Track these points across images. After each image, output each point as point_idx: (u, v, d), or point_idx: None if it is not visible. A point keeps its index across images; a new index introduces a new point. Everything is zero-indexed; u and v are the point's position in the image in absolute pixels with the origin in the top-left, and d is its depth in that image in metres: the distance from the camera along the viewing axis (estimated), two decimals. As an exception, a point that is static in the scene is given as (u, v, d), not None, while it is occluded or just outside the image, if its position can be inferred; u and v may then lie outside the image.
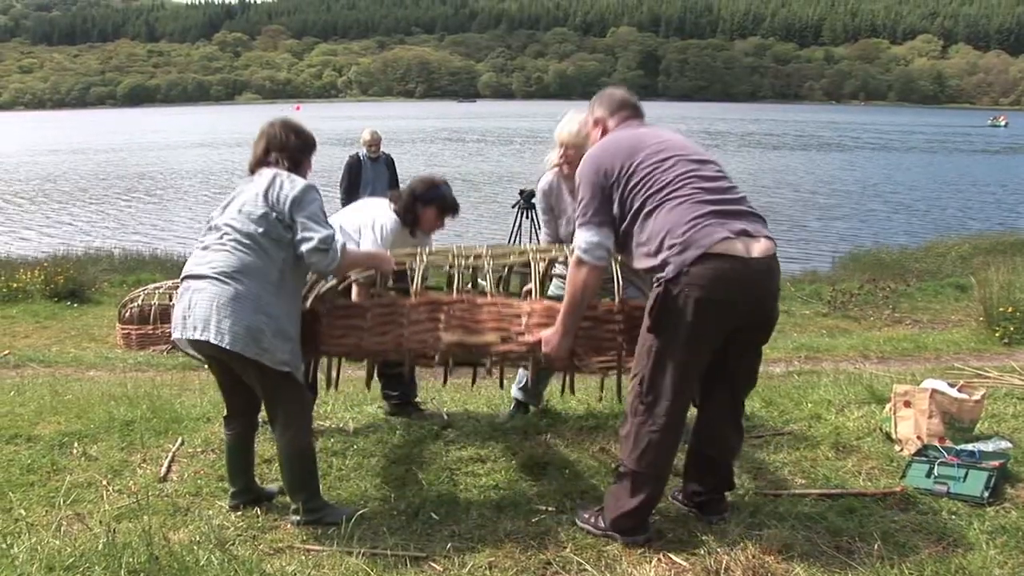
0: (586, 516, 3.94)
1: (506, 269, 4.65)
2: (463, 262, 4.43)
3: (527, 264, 4.53)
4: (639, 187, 3.65)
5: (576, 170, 4.85)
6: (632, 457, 3.71)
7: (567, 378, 4.93)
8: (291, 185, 3.89)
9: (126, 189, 33.75)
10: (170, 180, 36.62)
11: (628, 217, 3.70)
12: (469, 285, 4.51)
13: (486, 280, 4.31)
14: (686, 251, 3.48)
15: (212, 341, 3.77)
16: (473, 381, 5.23)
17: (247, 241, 3.82)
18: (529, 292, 4.69)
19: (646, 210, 3.63)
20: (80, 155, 50.41)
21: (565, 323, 3.88)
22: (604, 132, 4.00)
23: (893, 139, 62.51)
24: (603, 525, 3.83)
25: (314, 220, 3.86)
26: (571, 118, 4.98)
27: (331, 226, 3.97)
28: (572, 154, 4.92)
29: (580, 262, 3.75)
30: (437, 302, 4.20)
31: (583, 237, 3.73)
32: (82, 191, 33.12)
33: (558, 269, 5.08)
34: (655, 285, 3.60)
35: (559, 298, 4.80)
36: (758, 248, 3.55)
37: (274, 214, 3.84)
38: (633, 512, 3.73)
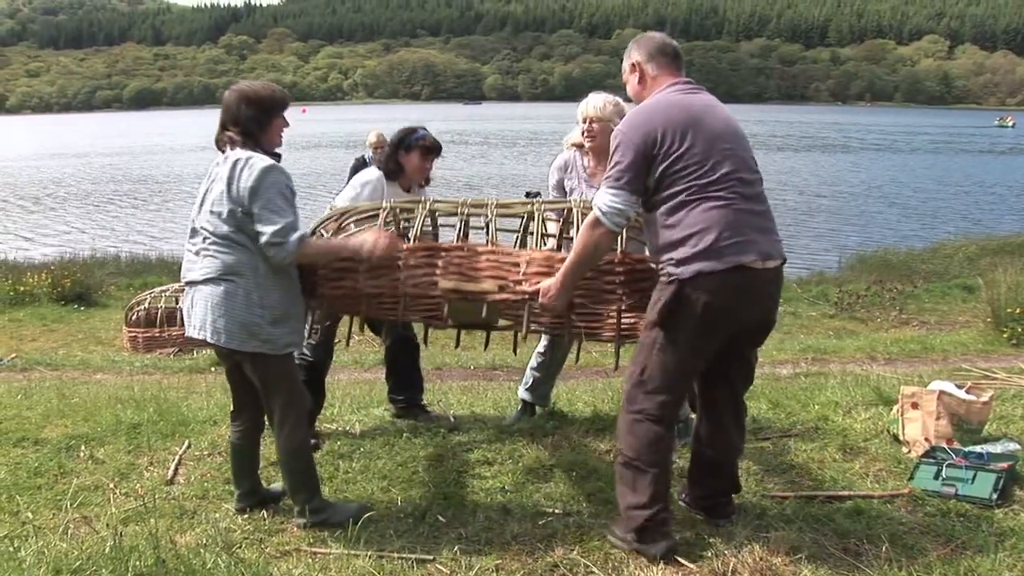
0: (616, 530, 3.83)
1: (522, 229, 4.52)
2: (466, 211, 4.30)
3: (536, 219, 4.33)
4: (684, 173, 3.51)
5: (598, 143, 4.87)
6: (627, 445, 3.72)
7: (578, 347, 4.95)
8: (248, 174, 3.72)
9: (132, 192, 33.85)
10: (176, 183, 36.70)
11: (664, 196, 3.57)
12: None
13: (490, 229, 4.21)
14: (711, 260, 3.45)
15: (209, 340, 3.84)
16: (456, 343, 5.22)
17: (224, 242, 3.80)
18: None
19: (683, 199, 3.52)
20: (86, 159, 50.56)
21: (566, 278, 3.79)
22: (642, 77, 3.80)
23: (899, 140, 62.42)
24: (620, 534, 3.76)
25: (269, 210, 3.71)
26: (594, 95, 4.96)
27: (290, 212, 3.77)
28: (597, 128, 4.84)
29: (597, 222, 3.62)
30: (435, 248, 4.13)
31: (608, 199, 3.58)
32: (88, 195, 33.23)
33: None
34: (666, 278, 3.58)
35: None
36: (771, 261, 3.57)
37: (239, 210, 3.75)
38: (642, 506, 3.66)
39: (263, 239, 3.71)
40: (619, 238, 3.90)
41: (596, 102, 4.88)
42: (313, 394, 5.22)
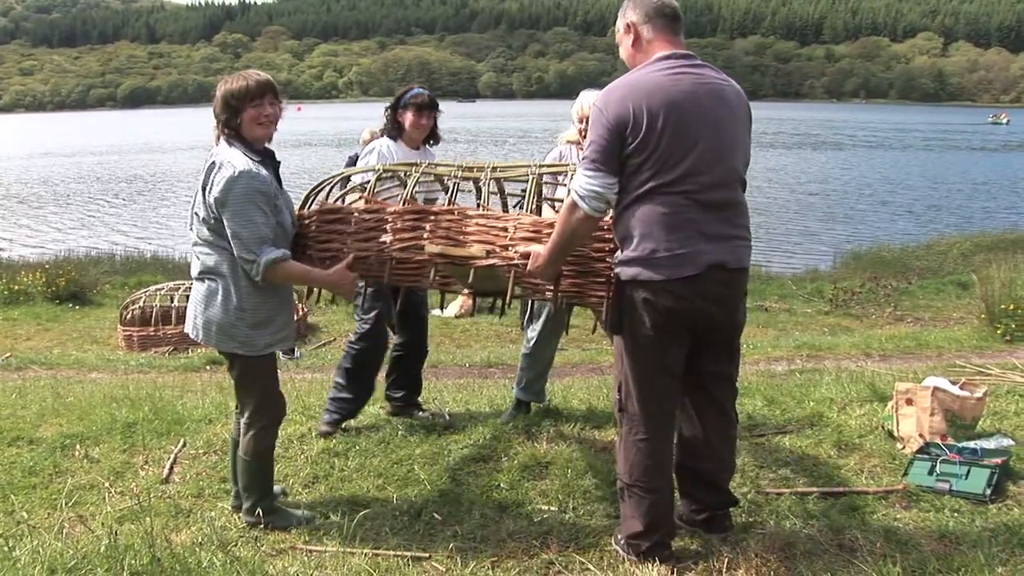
0: (619, 536, 3.76)
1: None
2: (460, 173, 4.23)
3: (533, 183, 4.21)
4: (644, 168, 3.31)
5: None
6: (624, 470, 3.60)
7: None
8: (218, 184, 3.70)
9: (126, 191, 33.80)
10: (170, 181, 36.65)
11: (627, 183, 3.37)
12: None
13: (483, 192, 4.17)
14: (647, 269, 3.32)
15: (191, 336, 3.94)
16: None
17: (204, 243, 3.84)
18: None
19: (635, 195, 3.34)
20: (80, 157, 50.46)
21: (551, 255, 3.58)
22: (637, 39, 3.49)
23: (893, 137, 62.53)
24: (623, 548, 3.68)
25: (237, 224, 3.69)
26: (588, 93, 4.96)
27: (257, 226, 3.71)
28: None
29: (574, 207, 3.39)
30: (424, 211, 4.04)
31: (585, 181, 3.34)
32: (82, 193, 33.17)
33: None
34: (616, 277, 3.48)
35: None
36: (721, 269, 3.39)
37: (213, 218, 3.76)
38: (642, 535, 3.56)
39: (236, 253, 3.74)
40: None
41: (589, 100, 4.87)
42: (358, 388, 5.25)
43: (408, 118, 5.27)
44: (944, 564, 3.49)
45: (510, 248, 3.84)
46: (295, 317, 5.61)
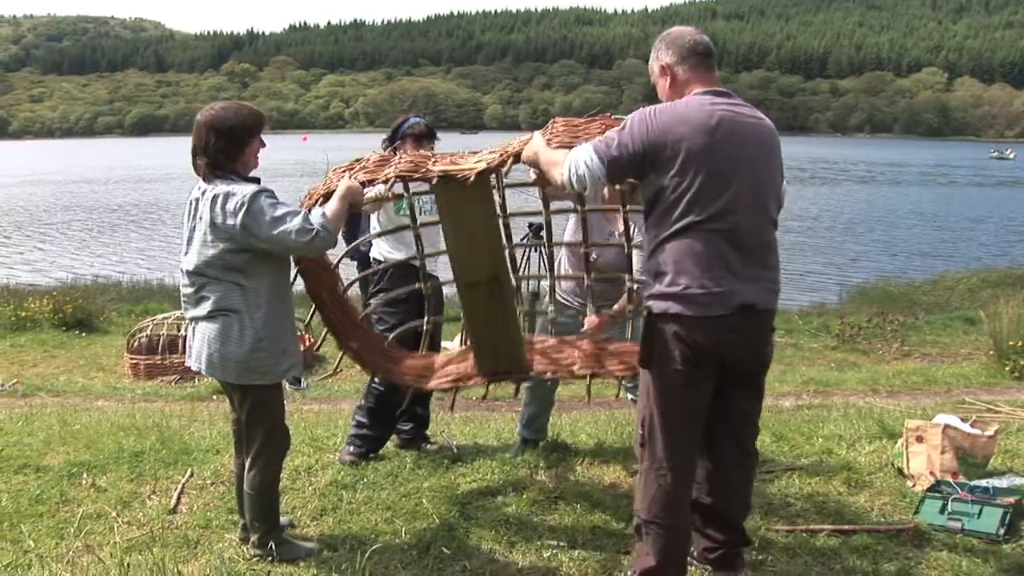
0: (630, 574, 3.72)
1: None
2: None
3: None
4: (680, 205, 3.28)
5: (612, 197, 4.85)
6: (643, 506, 3.53)
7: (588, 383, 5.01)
8: (234, 210, 3.66)
9: (133, 218, 33.92)
10: (177, 209, 36.69)
11: (653, 220, 3.39)
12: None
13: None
14: (680, 304, 3.30)
15: (204, 372, 3.94)
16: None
17: (215, 281, 3.80)
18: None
19: (670, 231, 3.32)
20: (88, 184, 50.66)
21: (533, 157, 3.64)
22: (673, 81, 3.51)
23: (899, 172, 62.66)
24: None
25: (278, 221, 3.67)
26: None
27: (295, 211, 3.73)
28: None
29: (560, 167, 3.42)
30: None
31: (583, 156, 3.33)
32: (90, 220, 33.29)
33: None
34: (645, 310, 3.46)
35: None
36: (756, 307, 3.38)
37: (231, 246, 3.72)
38: (654, 571, 3.51)
39: (291, 242, 3.69)
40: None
41: None
42: (382, 427, 5.24)
43: (407, 149, 5.25)
44: (958, 605, 3.46)
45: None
46: (302, 347, 5.62)
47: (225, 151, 3.78)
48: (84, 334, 13.71)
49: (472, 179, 3.82)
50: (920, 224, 31.86)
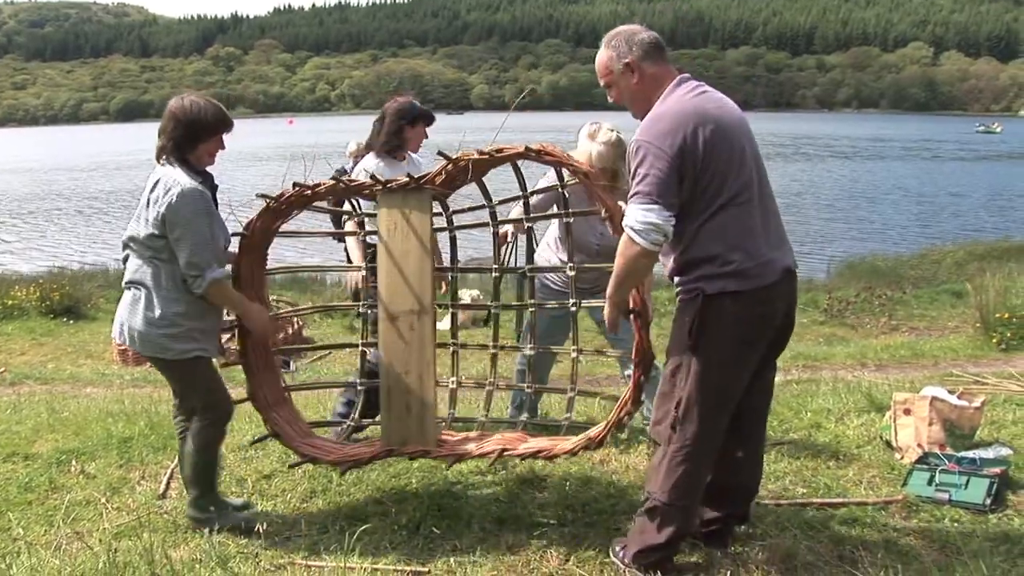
0: (617, 549, 3.75)
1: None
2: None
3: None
4: (709, 187, 3.33)
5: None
6: (663, 488, 3.51)
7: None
8: (164, 200, 3.80)
9: (120, 204, 33.72)
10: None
11: (685, 211, 3.36)
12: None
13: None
14: (736, 280, 3.33)
15: (117, 341, 4.10)
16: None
17: (136, 253, 3.98)
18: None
19: (706, 215, 3.35)
20: (73, 172, 50.39)
21: (616, 295, 3.58)
22: (641, 76, 3.52)
23: (885, 146, 62.71)
24: (627, 560, 3.65)
25: (184, 240, 3.81)
26: (594, 133, 4.88)
27: (204, 243, 3.85)
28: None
29: (631, 243, 3.36)
30: None
31: (640, 215, 3.29)
32: (76, 207, 33.12)
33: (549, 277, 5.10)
34: (687, 295, 3.44)
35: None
36: (791, 269, 3.55)
37: (154, 230, 3.86)
38: (659, 547, 3.54)
39: (181, 264, 3.85)
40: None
41: (599, 150, 4.80)
42: (369, 408, 5.12)
43: (420, 131, 5.33)
44: (946, 574, 3.48)
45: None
46: (289, 330, 5.60)
47: (180, 141, 3.92)
48: (72, 321, 13.63)
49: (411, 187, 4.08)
50: (907, 199, 31.91)
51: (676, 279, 3.52)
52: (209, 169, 4.09)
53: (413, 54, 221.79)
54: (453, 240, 4.78)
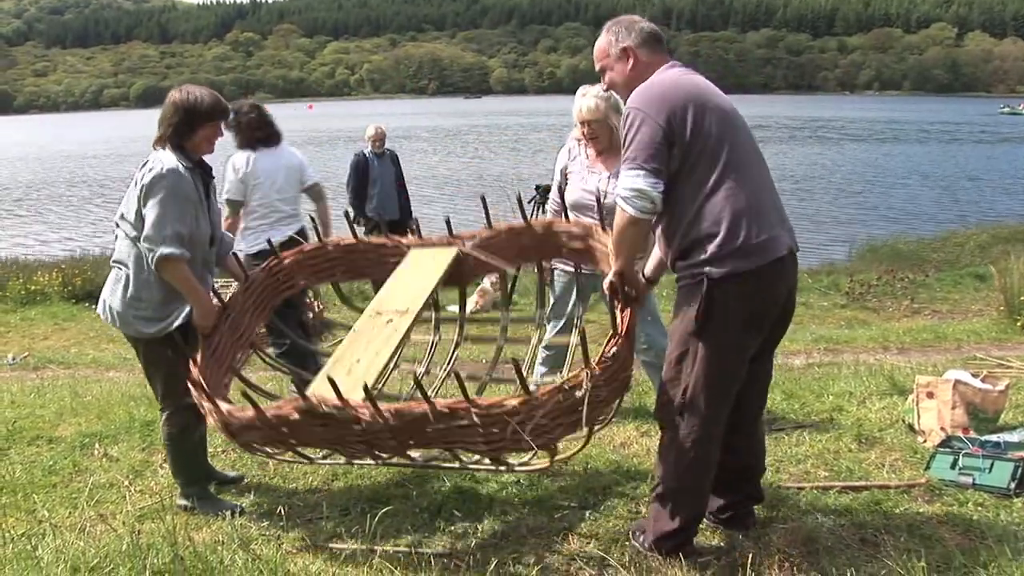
0: (636, 534, 3.74)
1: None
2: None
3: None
4: (704, 157, 3.32)
5: (601, 143, 4.89)
6: (671, 473, 3.53)
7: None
8: (148, 176, 3.93)
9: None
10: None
11: (681, 184, 3.35)
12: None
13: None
14: (740, 259, 3.29)
15: (102, 318, 4.19)
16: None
17: (122, 233, 4.07)
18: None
19: (706, 188, 3.33)
20: (94, 158, 50.64)
21: (620, 266, 3.57)
22: (636, 63, 3.55)
23: (908, 129, 62.14)
24: (647, 545, 3.64)
25: (152, 212, 3.89)
26: (585, 93, 4.96)
27: (170, 222, 3.88)
28: (596, 128, 4.92)
29: (621, 210, 3.38)
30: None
31: (629, 181, 3.31)
32: (97, 193, 33.27)
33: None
34: (691, 279, 3.40)
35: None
36: (792, 249, 3.48)
37: (133, 211, 3.98)
38: (675, 533, 3.54)
39: (142, 237, 3.93)
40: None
41: (589, 103, 4.89)
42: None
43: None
44: (970, 559, 3.45)
45: None
46: (311, 314, 5.59)
47: (177, 128, 4.04)
48: (93, 306, 13.61)
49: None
50: (929, 181, 31.62)
51: (678, 264, 3.49)
52: (207, 158, 4.21)
53: (432, 38, 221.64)
54: None
